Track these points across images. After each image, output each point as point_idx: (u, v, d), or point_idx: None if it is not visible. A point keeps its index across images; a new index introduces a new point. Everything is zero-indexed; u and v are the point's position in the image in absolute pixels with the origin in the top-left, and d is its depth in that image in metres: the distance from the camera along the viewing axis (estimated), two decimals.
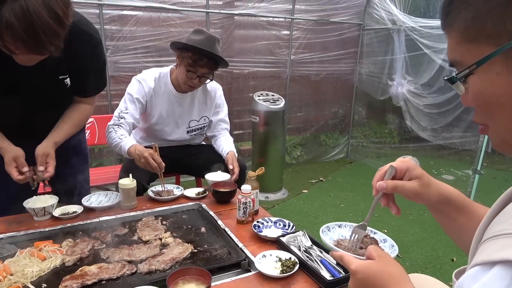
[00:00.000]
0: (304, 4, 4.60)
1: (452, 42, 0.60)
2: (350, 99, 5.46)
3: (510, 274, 0.40)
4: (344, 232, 1.35)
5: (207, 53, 2.14)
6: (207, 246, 1.44)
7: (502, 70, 0.53)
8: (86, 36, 1.61)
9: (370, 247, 0.86)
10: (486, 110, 0.58)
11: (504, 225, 0.44)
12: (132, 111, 2.21)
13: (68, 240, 1.43)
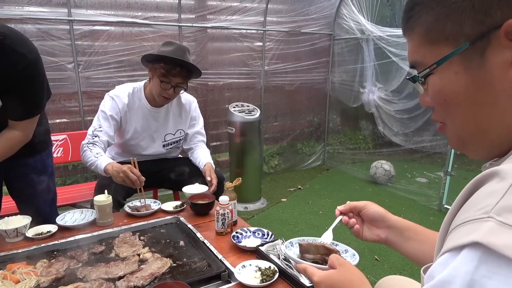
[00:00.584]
0: (276, 16, 4.69)
1: (413, 45, 0.63)
2: (324, 107, 5.56)
3: (478, 256, 0.41)
4: None
5: (179, 62, 2.15)
6: (186, 260, 1.44)
7: (460, 69, 0.57)
8: (16, 55, 1.50)
9: (331, 256, 0.90)
10: (445, 108, 0.61)
11: (469, 213, 0.46)
12: (106, 129, 2.19)
13: (42, 261, 1.40)
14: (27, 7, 3.18)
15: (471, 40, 0.54)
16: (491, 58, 0.54)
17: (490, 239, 0.41)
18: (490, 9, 0.52)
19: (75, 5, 3.38)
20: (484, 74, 0.55)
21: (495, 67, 0.54)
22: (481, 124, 0.58)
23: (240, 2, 4.34)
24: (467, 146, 0.64)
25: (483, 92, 0.56)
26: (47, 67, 3.27)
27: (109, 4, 3.58)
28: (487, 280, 0.40)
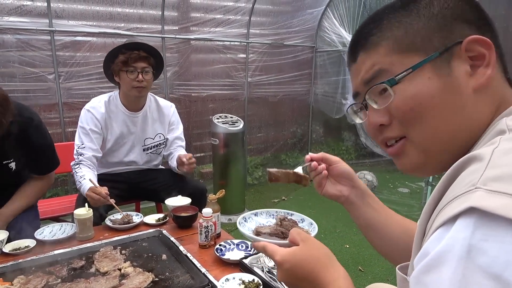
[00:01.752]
0: (259, 29, 4.75)
1: (377, 57, 0.67)
2: (307, 119, 5.61)
3: (472, 221, 0.42)
4: (261, 220, 1.27)
5: (133, 46, 2.19)
6: (169, 274, 1.42)
7: (432, 75, 0.62)
8: (26, 118, 1.77)
9: (292, 230, 0.84)
10: (416, 113, 0.64)
11: (455, 192, 0.48)
12: (89, 144, 2.19)
13: (20, 277, 1.35)
14: (7, 17, 3.13)
15: (440, 51, 0.61)
16: (456, 68, 0.61)
17: (483, 202, 0.42)
18: (451, 27, 0.61)
19: (57, 15, 3.35)
20: (453, 81, 0.61)
21: (459, 76, 0.61)
22: (451, 129, 0.63)
23: (224, 14, 4.37)
24: (429, 159, 0.66)
25: (454, 96, 0.61)
26: (27, 77, 3.24)
27: (91, 15, 3.56)
28: (484, 243, 0.41)
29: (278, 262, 0.78)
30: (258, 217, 1.27)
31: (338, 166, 1.05)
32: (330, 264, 0.76)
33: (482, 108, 0.61)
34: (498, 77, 0.62)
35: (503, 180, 0.44)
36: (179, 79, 4.24)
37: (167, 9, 3.97)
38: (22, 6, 3.19)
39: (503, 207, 0.41)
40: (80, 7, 3.50)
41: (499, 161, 0.46)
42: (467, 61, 0.61)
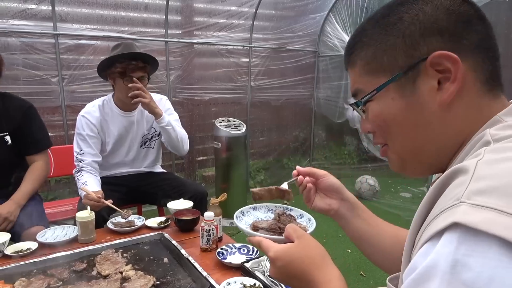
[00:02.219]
0: (262, 33, 4.76)
1: (354, 76, 0.71)
2: (310, 123, 5.62)
3: (456, 236, 0.43)
4: (259, 214, 1.23)
5: (131, 55, 2.18)
6: (170, 277, 1.42)
7: (395, 96, 0.65)
8: (19, 101, 2.06)
9: (288, 226, 0.83)
10: (385, 129, 0.69)
11: (442, 205, 0.48)
12: (87, 150, 2.20)
13: (21, 279, 1.36)
14: (12, 20, 3.16)
15: (404, 70, 0.62)
16: (421, 85, 0.62)
17: (466, 218, 0.43)
18: (417, 45, 0.61)
19: (61, 19, 3.37)
20: (416, 99, 0.63)
21: (425, 93, 0.62)
22: (418, 143, 0.66)
23: (227, 18, 4.39)
24: (406, 165, 0.71)
25: (417, 114, 0.63)
26: (31, 80, 3.26)
27: (95, 18, 3.58)
28: (468, 258, 0.41)
29: (272, 258, 0.78)
30: (256, 211, 1.24)
31: (326, 179, 1.05)
32: (324, 264, 0.76)
33: (453, 122, 0.62)
34: (474, 89, 0.61)
35: (487, 193, 0.44)
36: (182, 82, 4.26)
37: (171, 13, 3.99)
38: (27, 9, 3.21)
39: (486, 222, 0.41)
40: (84, 10, 3.52)
41: (483, 174, 0.47)
42: (435, 76, 0.60)
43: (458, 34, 0.60)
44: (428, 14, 0.60)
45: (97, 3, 3.56)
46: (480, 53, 0.60)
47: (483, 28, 0.61)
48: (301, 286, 0.76)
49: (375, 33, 0.66)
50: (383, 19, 0.65)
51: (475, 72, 0.60)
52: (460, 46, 0.59)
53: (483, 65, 0.60)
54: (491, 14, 3.91)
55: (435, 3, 0.61)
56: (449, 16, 0.60)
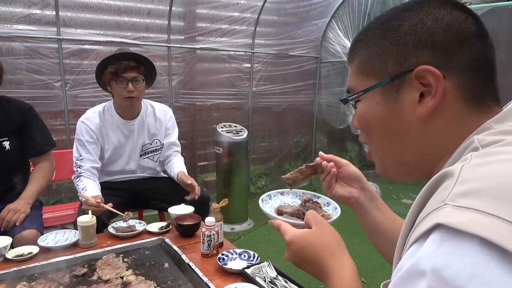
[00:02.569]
0: (264, 39, 4.78)
1: (350, 73, 0.73)
2: (311, 129, 5.62)
3: (439, 236, 0.44)
4: (287, 199, 1.21)
5: (121, 56, 2.18)
6: (171, 283, 1.42)
7: (380, 101, 0.67)
8: (18, 103, 2.04)
9: (308, 213, 0.84)
10: (367, 130, 0.71)
11: (429, 208, 0.50)
12: (87, 156, 2.21)
13: (22, 284, 1.36)
14: (16, 25, 3.18)
15: (390, 78, 0.64)
16: (404, 95, 0.63)
17: (448, 219, 0.44)
18: (408, 55, 0.62)
19: (65, 24, 3.40)
20: (398, 108, 0.64)
21: (406, 103, 0.63)
22: (397, 149, 0.68)
23: (229, 24, 4.42)
24: (387, 168, 0.73)
25: (397, 122, 0.65)
26: (34, 85, 3.27)
27: (99, 24, 3.61)
28: (450, 256, 0.42)
29: (287, 241, 0.80)
30: (284, 196, 1.23)
31: (348, 168, 1.05)
32: (338, 252, 0.76)
33: (431, 134, 0.63)
34: (456, 106, 0.61)
35: (470, 195, 0.45)
36: (184, 88, 4.27)
37: (174, 19, 4.02)
38: (31, 14, 3.24)
39: (467, 222, 0.43)
40: (88, 16, 3.54)
41: (467, 177, 0.48)
42: (418, 88, 0.61)
43: (451, 51, 0.60)
44: (426, 26, 0.61)
45: (100, 8, 3.58)
46: (470, 73, 0.60)
47: (481, 49, 0.61)
48: (314, 272, 0.78)
49: (375, 35, 0.66)
50: (386, 22, 0.65)
51: (460, 90, 0.60)
52: (449, 63, 0.60)
53: (469, 85, 0.61)
54: (493, 21, 3.93)
55: (436, 16, 0.61)
56: (446, 32, 0.60)
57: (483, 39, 0.61)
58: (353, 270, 0.73)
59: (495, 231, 0.41)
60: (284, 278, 1.39)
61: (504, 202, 0.43)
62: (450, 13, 0.61)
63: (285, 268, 1.35)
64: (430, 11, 0.61)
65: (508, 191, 0.44)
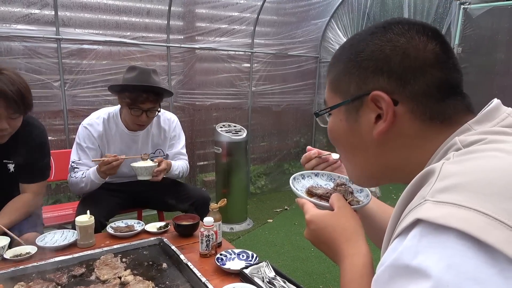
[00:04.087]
0: (263, 39, 4.78)
1: (326, 87, 0.77)
2: (311, 128, 5.62)
3: (419, 231, 0.47)
4: (320, 181, 1.18)
5: (143, 88, 2.09)
6: (169, 283, 1.41)
7: (343, 118, 0.72)
8: (31, 126, 1.87)
9: (334, 195, 0.86)
10: (335, 143, 0.77)
11: (411, 205, 0.52)
12: (85, 161, 2.20)
13: (20, 284, 1.36)
14: (15, 25, 3.17)
15: (352, 98, 0.68)
16: (362, 116, 0.68)
17: (427, 213, 0.47)
18: (366, 79, 0.66)
19: (64, 23, 3.39)
20: (357, 127, 0.69)
21: (364, 124, 0.68)
22: (360, 162, 0.73)
23: (229, 24, 4.41)
24: (355, 177, 0.79)
25: (357, 140, 0.70)
26: (33, 84, 3.27)
27: (98, 23, 3.60)
28: (429, 249, 0.45)
29: (307, 220, 0.83)
30: (318, 177, 1.19)
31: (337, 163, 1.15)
32: (354, 238, 0.77)
33: (389, 152, 0.68)
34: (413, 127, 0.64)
35: (449, 190, 0.48)
36: (184, 87, 4.27)
37: (173, 19, 4.01)
38: (30, 14, 3.23)
39: (444, 216, 0.45)
40: (87, 15, 3.54)
41: (447, 173, 0.51)
42: (374, 110, 0.65)
43: (405, 79, 0.63)
44: (384, 54, 0.64)
45: (99, 8, 3.58)
46: (423, 98, 0.63)
47: (439, 74, 0.63)
48: (329, 253, 0.81)
49: (344, 56, 0.70)
50: (356, 44, 0.69)
51: (413, 113, 0.64)
52: (402, 90, 0.63)
53: (424, 108, 0.63)
54: (493, 20, 3.92)
55: (395, 44, 0.64)
56: (402, 60, 0.63)
57: (443, 63, 0.64)
58: (366, 256, 0.74)
59: (470, 223, 0.43)
60: (283, 278, 1.39)
61: (481, 195, 0.45)
62: (409, 41, 0.64)
63: (284, 268, 1.35)
64: (390, 38, 0.64)
65: (485, 185, 0.46)
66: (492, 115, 0.61)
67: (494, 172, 0.48)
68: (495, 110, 0.62)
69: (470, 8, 3.85)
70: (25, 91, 1.66)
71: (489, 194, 0.45)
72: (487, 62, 3.92)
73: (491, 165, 0.49)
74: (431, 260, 0.44)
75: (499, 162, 0.50)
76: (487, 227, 0.42)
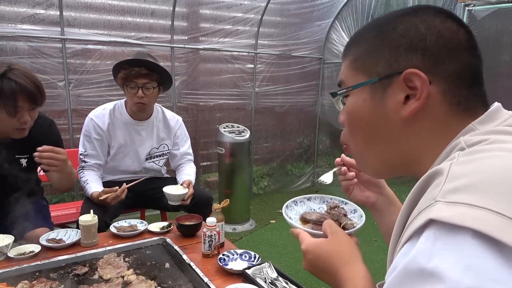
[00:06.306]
0: (267, 40, 4.78)
1: (343, 68, 0.74)
2: (314, 129, 5.61)
3: (432, 233, 0.45)
4: (313, 205, 1.19)
5: (134, 62, 2.18)
6: (171, 283, 1.42)
7: (367, 98, 0.68)
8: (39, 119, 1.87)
9: (325, 222, 0.85)
10: (352, 127, 0.73)
11: (420, 206, 0.51)
12: (92, 152, 2.24)
13: (23, 282, 1.36)
14: (20, 25, 3.20)
15: (380, 77, 0.66)
16: (390, 95, 0.65)
17: (440, 214, 0.45)
18: (399, 58, 0.64)
19: (68, 24, 3.41)
20: (383, 107, 0.66)
21: (391, 103, 0.65)
22: (379, 147, 0.70)
23: (233, 25, 4.42)
24: (367, 165, 0.76)
25: (381, 121, 0.67)
26: None
27: (102, 24, 3.62)
28: (444, 251, 0.43)
29: (303, 251, 0.82)
30: (310, 202, 1.21)
31: None
32: (352, 261, 0.77)
33: (413, 135, 0.65)
34: (441, 110, 0.63)
35: (460, 191, 0.47)
36: (187, 88, 4.28)
37: (177, 19, 4.02)
38: (35, 14, 3.25)
39: (459, 216, 0.44)
40: (91, 16, 3.56)
41: (456, 174, 0.50)
42: (404, 90, 0.63)
43: (440, 58, 0.62)
44: (419, 32, 0.63)
45: (104, 8, 3.59)
46: (456, 80, 0.62)
47: (469, 59, 0.63)
48: (329, 281, 0.79)
49: (371, 35, 0.68)
50: (382, 24, 0.67)
51: (445, 95, 0.62)
52: (436, 69, 0.62)
53: (455, 91, 0.62)
54: (497, 22, 3.90)
55: (430, 24, 0.63)
56: (437, 39, 0.62)
57: (472, 51, 0.64)
58: (365, 278, 0.74)
59: (486, 223, 0.42)
60: (285, 279, 1.39)
61: (492, 195, 0.45)
62: (443, 22, 0.63)
63: (286, 269, 1.35)
64: (424, 18, 0.63)
65: (495, 184, 0.46)
66: (495, 115, 0.61)
67: (502, 171, 0.47)
68: (496, 111, 0.62)
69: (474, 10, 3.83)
70: (39, 83, 1.71)
71: (500, 193, 0.45)
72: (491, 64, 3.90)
73: (499, 164, 0.49)
74: (448, 263, 0.42)
75: (506, 161, 0.49)
76: (503, 227, 0.42)
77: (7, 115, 1.63)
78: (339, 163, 1.08)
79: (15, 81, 1.60)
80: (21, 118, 1.68)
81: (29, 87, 1.64)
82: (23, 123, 1.70)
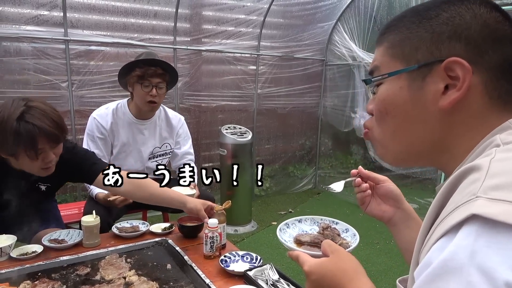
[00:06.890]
0: (269, 41, 4.79)
1: (378, 54, 0.71)
2: (316, 131, 5.61)
3: (475, 229, 0.43)
4: (304, 227, 1.20)
5: (151, 62, 2.22)
6: (173, 283, 1.42)
7: (404, 86, 0.65)
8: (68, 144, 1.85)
9: (324, 242, 0.84)
10: (383, 115, 0.70)
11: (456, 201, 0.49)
12: (96, 151, 2.25)
13: (26, 282, 1.37)
14: (24, 26, 3.21)
15: (419, 64, 0.63)
16: (429, 84, 0.62)
17: (484, 209, 0.43)
18: (441, 45, 0.61)
19: (72, 25, 3.43)
20: (421, 95, 0.64)
21: (430, 92, 0.62)
22: (410, 138, 0.68)
23: (235, 26, 4.43)
24: (389, 154, 0.73)
25: (417, 110, 0.65)
26: (41, 85, 3.30)
27: (106, 25, 3.63)
28: (488, 250, 0.42)
29: (306, 272, 0.80)
30: (302, 223, 1.22)
31: (385, 185, 1.03)
32: (357, 277, 0.76)
33: (449, 127, 0.63)
34: (480, 102, 0.61)
35: (502, 188, 0.45)
36: (190, 89, 4.29)
37: (180, 21, 4.03)
38: (39, 15, 3.27)
39: (504, 213, 0.42)
40: (95, 17, 3.58)
41: (497, 171, 0.48)
42: (444, 80, 0.61)
43: (483, 48, 0.60)
44: (464, 20, 0.61)
45: (107, 10, 3.61)
46: (498, 72, 0.60)
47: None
48: None
49: (410, 22, 0.66)
50: (424, 11, 0.65)
51: (486, 87, 0.60)
52: (479, 60, 0.59)
53: (496, 83, 0.60)
54: None
55: (475, 12, 0.61)
56: (482, 29, 0.60)
57: None
58: None
59: None
60: (287, 281, 1.39)
61: None
62: (489, 12, 0.61)
63: (288, 271, 1.35)
64: (470, 6, 0.61)
65: None
66: None
67: None
68: None
69: None
70: (59, 119, 1.59)
71: None
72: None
73: None
74: (492, 262, 0.41)
75: None
76: None
77: (29, 159, 1.54)
78: (355, 174, 1.05)
79: (33, 124, 1.48)
80: (45, 159, 1.59)
81: (48, 128, 1.52)
82: (48, 162, 1.62)
